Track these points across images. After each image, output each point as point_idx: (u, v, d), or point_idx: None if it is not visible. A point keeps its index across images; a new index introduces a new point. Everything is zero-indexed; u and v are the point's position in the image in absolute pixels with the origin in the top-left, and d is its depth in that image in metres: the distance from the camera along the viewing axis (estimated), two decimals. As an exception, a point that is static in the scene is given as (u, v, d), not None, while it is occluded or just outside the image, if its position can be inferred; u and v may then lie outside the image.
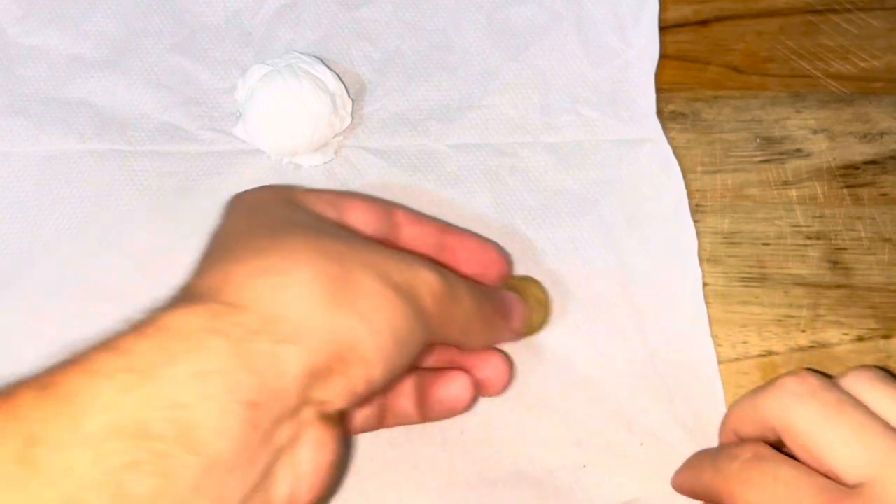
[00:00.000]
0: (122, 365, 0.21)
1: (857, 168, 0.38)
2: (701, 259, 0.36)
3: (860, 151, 0.38)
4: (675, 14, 0.41)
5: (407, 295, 0.24)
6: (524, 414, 0.33)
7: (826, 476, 0.25)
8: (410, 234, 0.30)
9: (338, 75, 0.38)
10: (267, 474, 0.22)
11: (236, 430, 0.21)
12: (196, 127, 0.38)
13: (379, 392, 0.26)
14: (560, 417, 0.33)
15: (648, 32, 0.39)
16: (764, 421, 0.27)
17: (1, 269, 0.35)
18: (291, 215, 0.26)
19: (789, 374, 0.27)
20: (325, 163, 0.37)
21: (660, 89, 0.39)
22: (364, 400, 0.25)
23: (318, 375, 0.23)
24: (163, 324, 0.21)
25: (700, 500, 0.30)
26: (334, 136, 0.38)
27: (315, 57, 0.38)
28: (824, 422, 0.25)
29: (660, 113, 0.38)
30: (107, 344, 0.21)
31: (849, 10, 0.41)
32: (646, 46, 0.39)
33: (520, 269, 0.35)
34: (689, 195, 0.37)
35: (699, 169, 0.38)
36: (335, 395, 0.23)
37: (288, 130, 0.36)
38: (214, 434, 0.21)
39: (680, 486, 0.31)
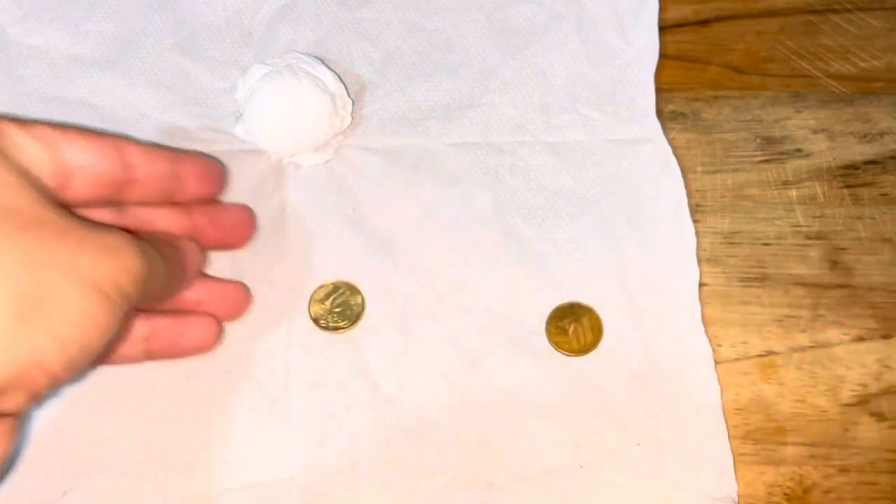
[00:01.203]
0: None
1: (857, 168, 0.38)
2: (701, 259, 0.36)
3: (860, 151, 0.38)
4: (675, 14, 0.41)
5: (108, 292, 0.24)
6: (521, 414, 0.33)
7: None
8: (145, 173, 0.29)
9: (338, 75, 0.38)
10: None
11: None
12: (196, 127, 0.38)
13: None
14: (558, 418, 0.33)
15: (648, 32, 0.39)
16: None
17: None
18: None
19: None
20: (326, 162, 0.38)
21: (660, 89, 0.39)
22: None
23: None
24: None
25: None
26: (334, 136, 0.38)
27: (315, 57, 0.38)
28: None
29: (660, 113, 0.38)
30: None
31: (849, 10, 0.41)
32: (646, 46, 0.39)
33: (520, 269, 0.35)
34: (689, 195, 0.37)
35: (699, 169, 0.38)
36: (13, 405, 0.23)
37: (288, 130, 0.36)
38: None
39: None
